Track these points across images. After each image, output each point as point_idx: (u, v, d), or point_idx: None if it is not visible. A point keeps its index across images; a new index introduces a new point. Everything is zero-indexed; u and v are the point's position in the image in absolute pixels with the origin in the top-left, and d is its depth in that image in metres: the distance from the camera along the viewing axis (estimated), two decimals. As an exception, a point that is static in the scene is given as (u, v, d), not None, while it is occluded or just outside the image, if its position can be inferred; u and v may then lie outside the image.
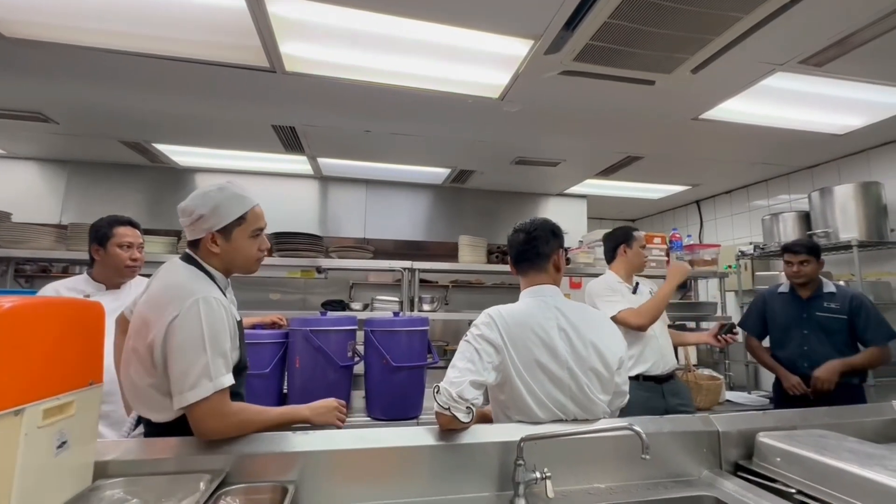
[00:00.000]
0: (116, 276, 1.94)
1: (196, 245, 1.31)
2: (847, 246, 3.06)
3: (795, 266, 2.47)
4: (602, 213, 5.56)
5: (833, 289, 2.47)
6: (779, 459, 1.22)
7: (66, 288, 1.88)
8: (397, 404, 2.15)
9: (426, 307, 3.26)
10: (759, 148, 3.34)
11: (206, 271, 1.29)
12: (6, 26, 1.97)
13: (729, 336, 2.37)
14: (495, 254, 3.27)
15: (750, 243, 3.79)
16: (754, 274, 3.82)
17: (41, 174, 3.82)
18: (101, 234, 1.89)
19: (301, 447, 1.12)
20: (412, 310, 2.99)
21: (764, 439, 1.28)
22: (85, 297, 1.71)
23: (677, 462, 1.27)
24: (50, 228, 2.88)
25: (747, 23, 1.86)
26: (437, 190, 4.50)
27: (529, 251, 1.44)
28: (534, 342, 1.32)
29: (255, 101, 2.67)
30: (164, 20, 1.92)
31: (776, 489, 1.15)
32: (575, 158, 3.65)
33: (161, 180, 3.97)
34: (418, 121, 2.94)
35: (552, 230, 1.47)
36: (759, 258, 3.70)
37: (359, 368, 2.22)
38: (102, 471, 1.02)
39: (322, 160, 3.76)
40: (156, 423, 1.19)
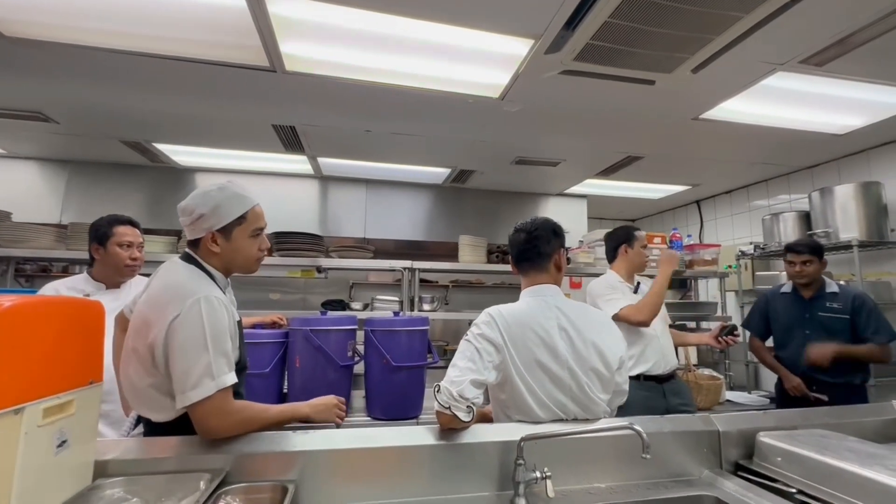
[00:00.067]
0: (116, 276, 1.94)
1: (196, 244, 1.31)
2: (847, 246, 3.06)
3: (798, 266, 2.46)
4: (602, 213, 5.56)
5: (836, 289, 2.46)
6: (779, 459, 1.22)
7: (67, 287, 1.88)
8: (397, 404, 2.15)
9: (426, 307, 3.26)
10: (760, 148, 3.34)
11: (206, 271, 1.29)
12: (6, 26, 1.97)
13: (730, 338, 2.36)
14: (495, 253, 3.27)
15: (750, 243, 3.79)
16: (754, 274, 3.82)
17: (41, 174, 3.82)
18: (101, 234, 1.89)
19: (301, 447, 1.12)
20: (412, 309, 2.99)
21: (764, 439, 1.28)
22: (85, 297, 1.71)
23: (678, 462, 1.27)
24: (50, 228, 2.88)
25: (747, 22, 1.86)
26: (438, 190, 4.50)
27: (530, 251, 1.44)
28: (534, 342, 1.31)
29: (256, 101, 2.67)
30: (165, 20, 1.92)
31: (777, 489, 1.15)
32: (575, 158, 3.65)
33: (161, 180, 3.98)
34: (419, 121, 2.94)
35: (553, 229, 1.47)
36: (760, 258, 3.70)
37: (359, 368, 2.22)
38: (102, 470, 1.02)
39: (322, 160, 3.76)
40: (155, 423, 1.19)
